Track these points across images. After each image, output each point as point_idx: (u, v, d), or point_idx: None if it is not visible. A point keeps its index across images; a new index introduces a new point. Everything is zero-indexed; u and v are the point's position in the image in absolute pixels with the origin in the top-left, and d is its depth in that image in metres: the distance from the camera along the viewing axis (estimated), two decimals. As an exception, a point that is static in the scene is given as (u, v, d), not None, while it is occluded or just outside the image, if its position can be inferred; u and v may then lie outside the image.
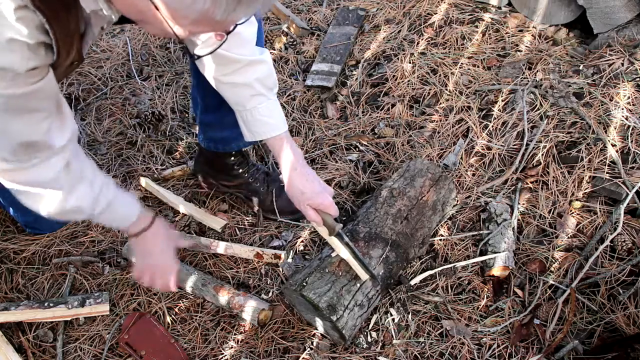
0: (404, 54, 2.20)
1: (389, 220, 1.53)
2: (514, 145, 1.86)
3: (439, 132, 1.95)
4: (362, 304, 1.39)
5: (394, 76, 2.14)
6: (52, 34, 0.86)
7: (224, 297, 1.52)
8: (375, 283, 1.42)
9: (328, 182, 1.85)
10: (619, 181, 1.66)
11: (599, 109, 1.85)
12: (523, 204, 1.72)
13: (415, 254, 1.58)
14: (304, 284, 1.38)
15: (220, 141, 1.64)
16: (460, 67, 2.14)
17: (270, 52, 2.34)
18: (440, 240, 1.66)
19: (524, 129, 1.86)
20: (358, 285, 1.39)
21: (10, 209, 1.69)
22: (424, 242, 1.61)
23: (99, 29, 1.03)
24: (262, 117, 1.34)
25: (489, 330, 1.47)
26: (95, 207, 1.19)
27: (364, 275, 1.38)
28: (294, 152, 1.35)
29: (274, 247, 1.69)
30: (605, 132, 1.79)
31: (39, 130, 1.00)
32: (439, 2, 2.42)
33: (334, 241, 1.35)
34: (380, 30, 2.37)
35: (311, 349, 1.47)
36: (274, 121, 1.35)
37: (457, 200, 1.75)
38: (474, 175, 1.82)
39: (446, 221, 1.71)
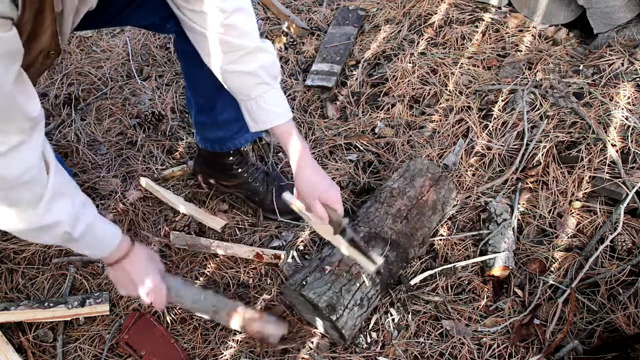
0: (404, 54, 2.20)
1: (388, 220, 1.53)
2: (514, 145, 1.86)
3: (439, 132, 1.95)
4: (361, 303, 1.39)
5: (394, 76, 2.14)
6: None
7: (239, 323, 1.43)
8: (379, 269, 1.38)
9: (328, 182, 1.85)
10: (619, 181, 1.66)
11: (599, 109, 1.85)
12: (523, 204, 1.72)
13: (415, 253, 1.58)
14: (304, 283, 1.38)
15: (216, 141, 1.64)
16: (460, 67, 2.14)
17: (270, 52, 2.34)
18: (440, 240, 1.66)
19: (524, 129, 1.86)
20: (357, 284, 1.39)
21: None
22: (424, 242, 1.61)
23: (74, 13, 0.99)
24: (267, 105, 1.31)
25: (489, 330, 1.47)
26: (75, 226, 1.08)
27: (371, 266, 1.34)
28: (302, 143, 1.32)
29: (274, 247, 1.69)
30: (605, 132, 1.79)
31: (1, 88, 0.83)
32: (439, 2, 2.42)
33: (336, 239, 1.34)
34: (380, 30, 2.37)
35: (311, 348, 1.47)
36: (280, 109, 1.32)
37: (457, 200, 1.75)
38: (474, 175, 1.82)
39: (446, 221, 1.71)
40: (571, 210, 1.68)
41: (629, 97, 1.85)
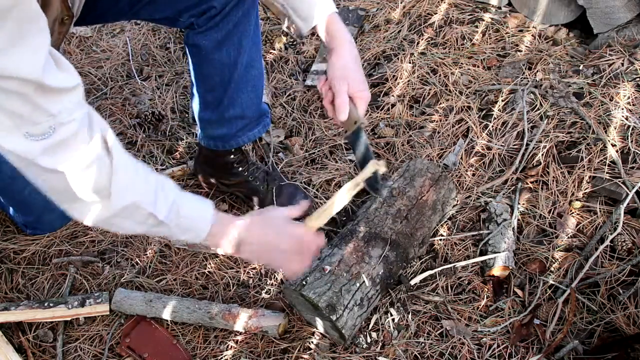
0: (404, 54, 2.20)
1: (388, 220, 1.53)
2: (514, 145, 1.86)
3: (439, 132, 1.95)
4: (361, 303, 1.39)
5: (394, 76, 2.14)
6: None
7: (236, 323, 1.47)
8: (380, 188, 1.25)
9: (328, 182, 1.85)
10: (619, 181, 1.66)
11: (599, 109, 1.85)
12: (523, 204, 1.72)
13: (415, 253, 1.58)
14: (304, 283, 1.38)
15: (219, 138, 1.64)
16: (460, 67, 2.14)
17: (270, 52, 2.34)
18: (440, 240, 1.66)
19: (524, 129, 1.86)
20: (357, 284, 1.39)
21: (10, 209, 1.69)
22: (424, 242, 1.61)
23: None
24: None
25: (489, 330, 1.47)
26: (157, 204, 0.94)
27: (382, 167, 1.19)
28: (349, 35, 1.25)
29: (274, 247, 1.69)
30: (605, 132, 1.79)
31: (35, 61, 0.75)
32: (439, 2, 2.42)
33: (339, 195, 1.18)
34: (380, 30, 2.37)
35: (311, 349, 1.47)
36: (323, 1, 1.25)
37: (457, 200, 1.75)
38: (474, 175, 1.82)
39: (446, 221, 1.71)
40: (571, 210, 1.68)
41: (629, 97, 1.85)
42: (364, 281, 1.40)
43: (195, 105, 1.62)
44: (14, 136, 0.79)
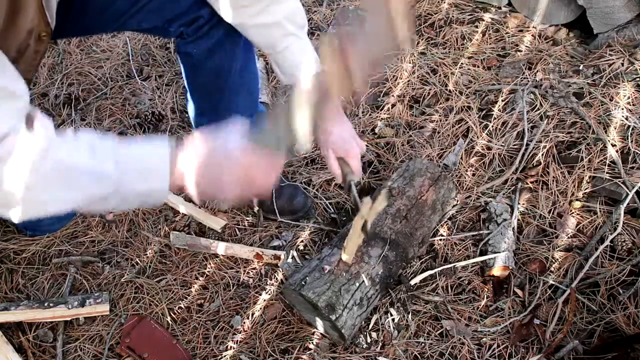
0: (404, 54, 2.20)
1: (388, 220, 1.53)
2: (514, 145, 1.86)
3: (439, 132, 1.95)
4: (361, 303, 1.39)
5: (394, 76, 2.14)
6: None
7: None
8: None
9: (328, 182, 1.85)
10: (619, 181, 1.66)
11: (599, 109, 1.85)
12: (523, 204, 1.72)
13: (414, 253, 1.58)
14: (303, 283, 1.38)
15: None
16: (460, 67, 2.14)
17: (270, 52, 2.34)
18: (440, 240, 1.66)
19: (524, 129, 1.86)
20: (357, 284, 1.39)
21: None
22: (424, 242, 1.61)
23: None
24: (295, 57, 1.27)
25: (489, 330, 1.47)
26: (97, 159, 0.83)
27: (383, 202, 1.18)
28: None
29: (274, 247, 1.69)
30: (605, 132, 1.79)
31: None
32: (439, 2, 2.42)
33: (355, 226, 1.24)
34: (380, 30, 2.37)
35: (311, 349, 1.47)
36: (308, 60, 1.27)
37: (457, 200, 1.75)
38: (474, 175, 1.82)
39: (446, 221, 1.71)
40: (571, 210, 1.68)
41: (629, 97, 1.85)
42: (363, 281, 1.40)
43: (191, 110, 1.62)
44: None
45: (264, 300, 1.58)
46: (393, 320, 1.51)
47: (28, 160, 0.79)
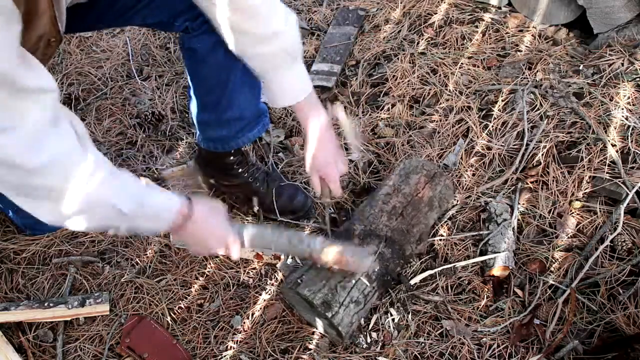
0: (404, 54, 2.20)
1: (383, 217, 1.53)
2: (514, 145, 1.86)
3: (439, 132, 1.95)
4: (357, 300, 1.39)
5: (394, 76, 2.14)
6: None
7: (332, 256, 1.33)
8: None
9: (328, 182, 1.85)
10: (619, 181, 1.66)
11: (599, 109, 1.85)
12: (523, 204, 1.72)
13: (412, 250, 1.57)
14: (299, 281, 1.38)
15: (218, 140, 1.64)
16: (460, 67, 2.14)
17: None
18: (440, 240, 1.66)
19: (524, 129, 1.86)
20: (353, 281, 1.39)
21: (10, 211, 1.69)
22: (422, 239, 1.61)
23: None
24: (287, 84, 1.33)
25: (489, 330, 1.47)
26: (123, 201, 0.99)
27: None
28: (318, 116, 1.35)
29: (274, 247, 1.69)
30: (605, 132, 1.79)
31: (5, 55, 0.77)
32: (439, 2, 2.42)
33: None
34: (380, 30, 2.37)
35: (311, 349, 1.48)
36: (300, 86, 1.34)
37: (457, 200, 1.75)
38: (474, 175, 1.82)
39: (446, 221, 1.71)
40: (571, 210, 1.68)
41: (629, 97, 1.85)
42: (359, 278, 1.39)
43: (193, 107, 1.62)
44: None
45: (264, 300, 1.58)
46: (393, 320, 1.51)
47: (77, 174, 0.92)
